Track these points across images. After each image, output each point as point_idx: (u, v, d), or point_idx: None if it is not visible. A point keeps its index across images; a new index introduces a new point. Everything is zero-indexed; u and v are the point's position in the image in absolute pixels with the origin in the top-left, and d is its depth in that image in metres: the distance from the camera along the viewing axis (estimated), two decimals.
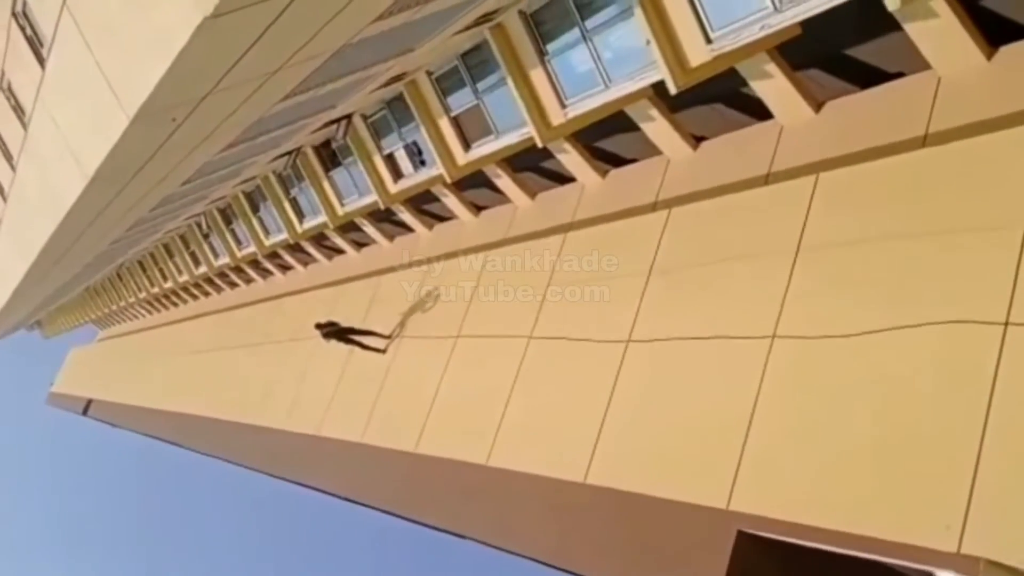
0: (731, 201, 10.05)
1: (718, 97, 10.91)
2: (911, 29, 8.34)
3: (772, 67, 9.54)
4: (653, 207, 11.63)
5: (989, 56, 8.28)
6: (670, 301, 10.18)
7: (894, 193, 8.19)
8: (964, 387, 6.69)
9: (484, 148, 12.58)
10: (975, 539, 6.20)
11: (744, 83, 10.02)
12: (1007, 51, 8.27)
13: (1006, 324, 6.58)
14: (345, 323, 15.24)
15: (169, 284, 31.37)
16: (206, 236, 24.46)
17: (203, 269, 27.18)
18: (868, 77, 9.60)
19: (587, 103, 10.39)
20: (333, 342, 15.26)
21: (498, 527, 12.19)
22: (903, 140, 8.77)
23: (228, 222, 22.73)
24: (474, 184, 15.40)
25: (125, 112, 6.18)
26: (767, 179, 10.21)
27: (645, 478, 9.28)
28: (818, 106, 9.93)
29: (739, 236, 9.66)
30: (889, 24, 8.38)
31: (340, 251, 21.84)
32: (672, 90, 8.94)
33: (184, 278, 29.46)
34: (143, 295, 35.78)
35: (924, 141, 8.59)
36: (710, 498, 8.31)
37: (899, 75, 9.34)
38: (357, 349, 16.51)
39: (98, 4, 6.06)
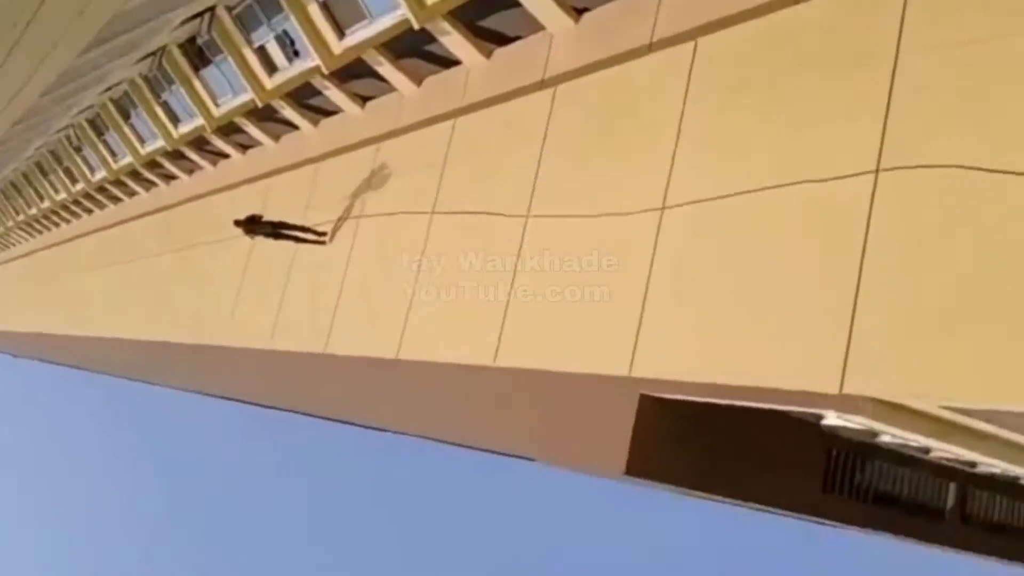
0: (615, 74, 10.01)
1: None
2: None
3: None
4: (540, 85, 11.50)
5: None
6: (562, 177, 10.23)
7: (772, 52, 8.26)
8: (838, 239, 6.96)
9: (359, 34, 12.10)
10: (856, 380, 6.59)
11: None
12: None
13: (877, 171, 6.82)
14: (269, 217, 14.00)
15: (47, 204, 29.80)
16: (78, 150, 23.14)
17: (80, 186, 25.84)
18: None
19: None
20: (260, 239, 14.06)
21: (415, 417, 12.42)
22: None
23: (99, 133, 21.52)
24: (357, 74, 14.90)
25: None
26: (650, 47, 10.17)
27: (551, 355, 9.51)
28: None
29: (624, 109, 9.68)
30: None
31: (224, 155, 21.06)
32: None
33: (62, 196, 28.00)
34: (21, 218, 33.96)
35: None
36: (612, 367, 8.59)
37: None
38: (254, 251, 16.18)
39: None
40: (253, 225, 13.25)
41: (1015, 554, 11.63)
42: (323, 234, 13.77)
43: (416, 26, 10.94)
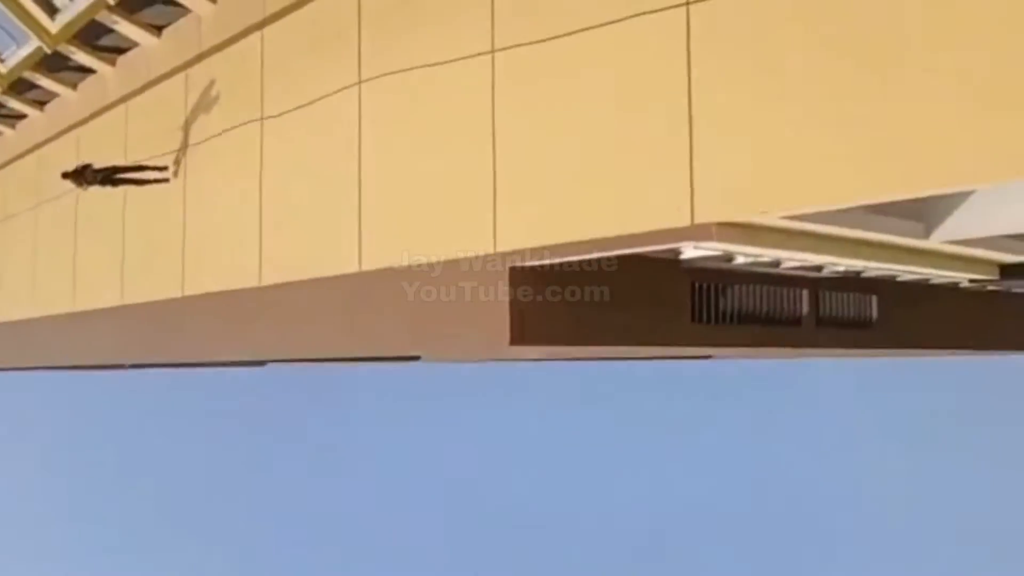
0: None
1: None
2: None
3: None
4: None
5: None
6: (386, 80, 10.02)
7: None
8: (662, 76, 7.20)
9: None
10: (704, 208, 6.97)
11: None
12: None
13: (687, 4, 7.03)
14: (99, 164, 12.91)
15: None
16: None
17: None
18: None
19: None
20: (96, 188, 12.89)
21: (287, 341, 12.32)
22: None
23: None
24: (146, 2, 13.97)
25: None
26: None
27: (415, 248, 9.55)
28: None
29: None
30: None
31: (21, 116, 19.48)
32: None
33: None
34: None
35: None
36: (477, 247, 8.74)
37: None
38: (79, 206, 15.31)
39: None
40: (84, 175, 12.43)
41: (867, 343, 12.81)
42: (163, 169, 13.06)
43: None
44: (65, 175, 12.58)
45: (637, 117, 7.34)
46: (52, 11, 13.02)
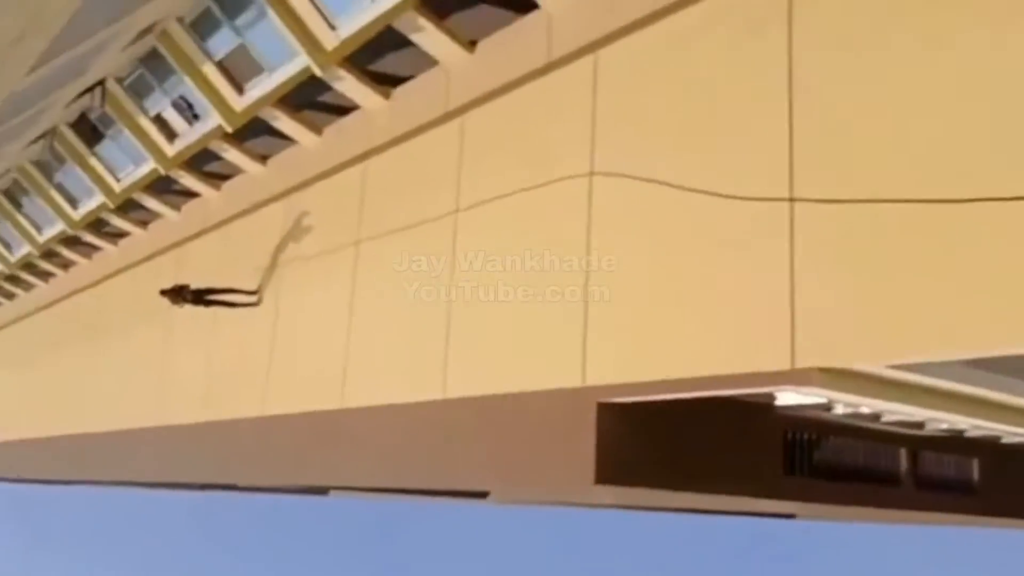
0: (520, 95, 10.14)
1: None
2: None
3: None
4: (445, 118, 11.56)
5: None
6: (483, 203, 10.26)
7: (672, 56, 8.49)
8: (767, 215, 7.17)
9: (259, 88, 11.98)
10: (806, 353, 6.76)
11: None
12: None
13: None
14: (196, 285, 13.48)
15: None
16: None
17: None
18: None
19: (357, 20, 10.06)
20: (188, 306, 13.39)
21: (359, 467, 12.15)
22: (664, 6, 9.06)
23: None
24: (254, 133, 14.73)
25: None
26: (547, 68, 10.34)
27: (501, 378, 9.47)
28: None
29: (535, 127, 9.80)
30: None
31: (123, 234, 20.47)
32: None
33: None
34: None
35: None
36: (565, 380, 8.60)
37: None
38: (174, 324, 15.75)
39: None
40: (180, 294, 12.93)
41: (969, 509, 12.06)
42: (253, 293, 13.39)
43: (318, 73, 10.88)
44: (163, 292, 13.02)
45: (738, 255, 7.27)
46: (171, 136, 13.81)
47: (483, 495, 15.99)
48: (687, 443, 8.55)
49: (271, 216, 14.62)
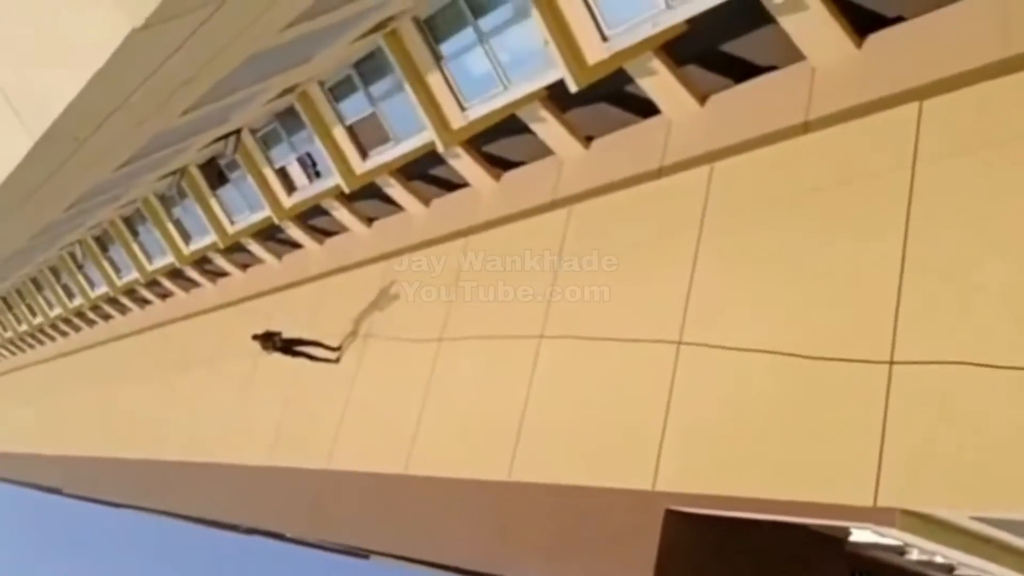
0: (630, 195, 10.37)
1: (603, 97, 11.15)
2: (785, 22, 8.81)
3: (657, 63, 9.91)
4: (552, 206, 11.87)
5: (859, 45, 8.86)
6: (578, 297, 10.41)
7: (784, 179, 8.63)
8: (864, 353, 7.15)
9: (383, 156, 12.57)
10: (890, 492, 6.63)
11: (627, 82, 10.30)
12: (875, 39, 8.89)
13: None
14: (286, 333, 13.97)
15: (39, 320, 29.69)
16: (80, 267, 23.33)
17: (77, 302, 25.89)
18: (745, 70, 10.03)
19: (487, 105, 10.56)
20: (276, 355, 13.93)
21: (415, 538, 12.10)
22: (786, 127, 9.27)
23: (104, 249, 21.77)
24: (364, 196, 15.34)
25: (29, 133, 5.86)
26: (660, 172, 10.59)
27: (570, 469, 9.44)
28: (702, 99, 10.33)
29: (640, 229, 9.99)
30: (762, 18, 8.83)
31: (223, 273, 21.32)
32: (572, 88, 9.22)
33: (56, 312, 27.95)
34: (8, 334, 33.72)
35: (806, 128, 9.10)
36: (635, 481, 8.56)
37: (773, 68, 9.76)
38: (258, 367, 16.16)
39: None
40: (271, 340, 13.39)
41: None
42: (336, 349, 13.76)
43: (441, 150, 11.39)
44: (255, 337, 13.50)
45: (830, 381, 7.24)
46: (291, 189, 14.51)
47: None
48: (752, 566, 8.38)
49: (368, 277, 15.02)
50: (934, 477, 6.41)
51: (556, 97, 10.82)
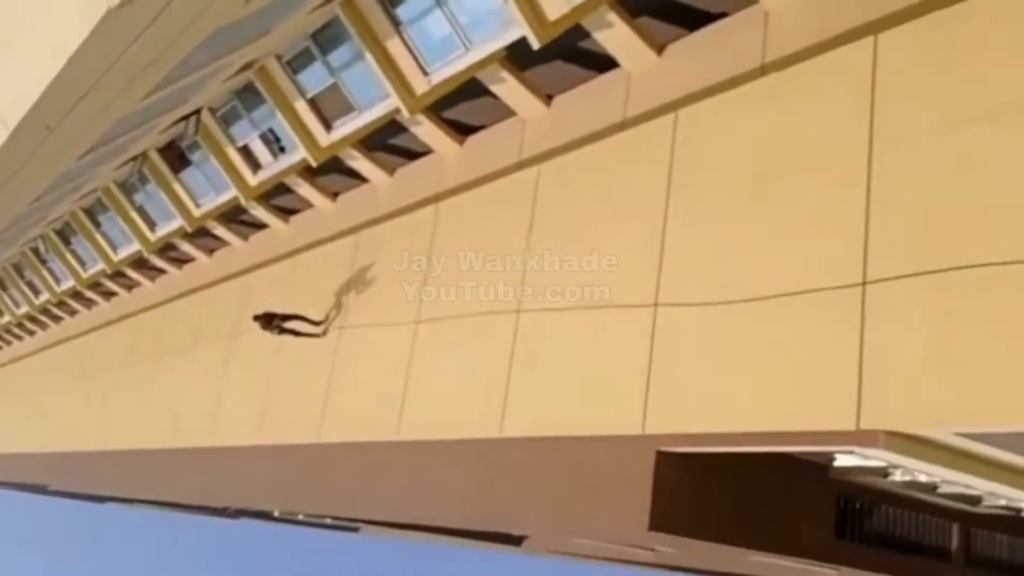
0: (597, 149, 10.45)
1: (560, 55, 11.08)
2: None
3: (613, 16, 9.91)
4: (518, 166, 11.92)
5: None
6: (554, 257, 10.51)
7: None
8: (837, 274, 7.34)
9: (347, 127, 12.51)
10: (872, 414, 6.86)
11: (582, 37, 10.28)
12: None
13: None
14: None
15: (7, 319, 29.27)
16: (44, 262, 22.99)
17: (44, 297, 25.54)
18: (698, 19, 10.09)
19: (450, 68, 10.55)
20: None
21: (406, 502, 12.25)
22: (744, 72, 9.39)
23: (67, 242, 21.45)
24: (327, 171, 15.25)
25: (4, 124, 5.80)
26: (623, 125, 10.68)
27: (560, 421, 9.64)
28: (659, 50, 10.40)
29: (611, 182, 10.11)
30: None
31: (189, 259, 21.11)
32: (535, 45, 9.25)
33: (23, 310, 27.55)
34: None
35: (763, 72, 9.22)
36: (625, 427, 8.77)
37: (724, 14, 9.83)
38: (235, 350, 16.16)
39: None
40: (271, 321, 13.47)
41: None
42: (319, 323, 13.89)
43: (407, 116, 11.38)
44: (256, 318, 13.53)
45: (807, 312, 7.45)
46: (256, 167, 14.40)
47: (518, 542, 15.97)
48: (742, 499, 8.65)
49: (339, 251, 14.99)
50: (915, 395, 6.62)
51: (514, 57, 10.83)
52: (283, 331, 13.61)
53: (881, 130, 7.39)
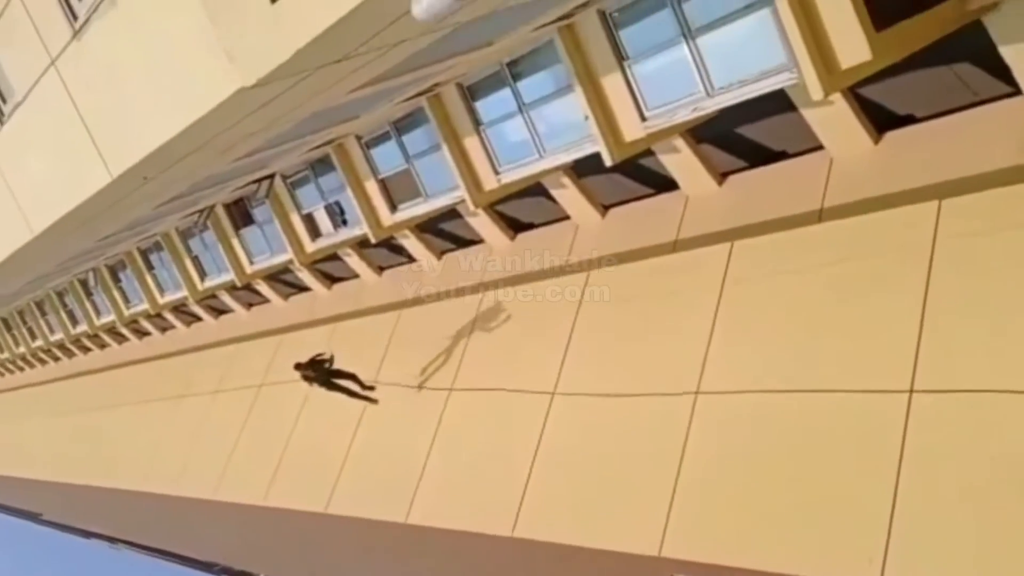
0: (650, 265, 10.70)
1: (619, 169, 11.37)
2: (807, 113, 9.20)
3: (679, 142, 10.19)
4: (567, 268, 12.13)
5: (876, 141, 9.28)
6: (594, 355, 10.67)
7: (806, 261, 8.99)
8: (876, 441, 7.42)
9: (411, 211, 12.91)
10: (896, 571, 6.88)
11: (644, 156, 10.52)
12: (891, 137, 9.33)
13: (911, 391, 7.41)
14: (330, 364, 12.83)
15: (39, 343, 29.69)
16: (89, 294, 23.50)
17: (81, 328, 25.97)
18: (760, 155, 10.35)
19: (521, 171, 10.94)
20: (316, 387, 12.74)
21: None
22: (801, 213, 9.64)
23: (116, 279, 21.96)
24: (376, 244, 15.57)
25: (108, 170, 6.17)
26: (675, 246, 10.91)
27: (575, 529, 9.57)
28: (720, 179, 10.71)
29: (659, 296, 10.31)
30: (784, 106, 9.10)
31: (228, 311, 21.47)
32: (609, 163, 9.60)
33: (57, 337, 27.98)
34: (4, 355, 33.65)
35: (820, 216, 9.46)
36: (642, 546, 8.71)
37: (785, 154, 10.09)
38: (258, 404, 16.17)
39: (102, 69, 6.04)
40: (315, 367, 12.44)
41: None
42: (371, 388, 13.36)
43: (473, 209, 11.76)
44: (298, 366, 12.47)
45: (842, 465, 7.52)
46: (316, 235, 14.83)
47: None
48: None
49: (380, 324, 15.14)
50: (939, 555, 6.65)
51: (578, 165, 11.20)
52: (332, 386, 12.65)
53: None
